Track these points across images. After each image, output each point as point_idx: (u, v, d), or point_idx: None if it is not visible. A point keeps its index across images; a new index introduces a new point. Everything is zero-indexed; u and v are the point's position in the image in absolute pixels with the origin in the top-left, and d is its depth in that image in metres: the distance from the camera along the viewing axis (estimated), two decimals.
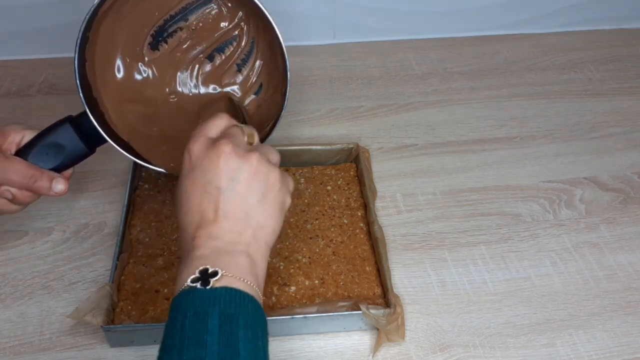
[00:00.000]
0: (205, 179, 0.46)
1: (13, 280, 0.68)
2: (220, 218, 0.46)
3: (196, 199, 0.46)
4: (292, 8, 0.99)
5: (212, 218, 0.46)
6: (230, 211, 0.46)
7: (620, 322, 0.66)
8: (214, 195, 0.46)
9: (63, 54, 1.01)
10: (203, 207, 0.46)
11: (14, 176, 0.57)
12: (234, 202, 0.46)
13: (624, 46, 1.07)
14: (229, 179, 0.46)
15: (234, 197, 0.46)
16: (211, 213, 0.46)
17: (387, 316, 0.62)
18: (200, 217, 0.46)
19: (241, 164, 0.46)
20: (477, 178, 0.82)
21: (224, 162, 0.46)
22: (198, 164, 0.47)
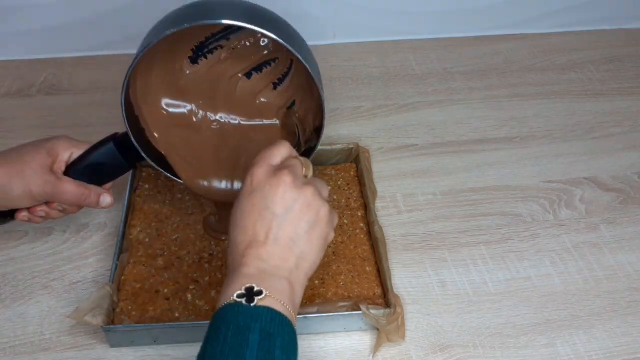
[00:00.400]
0: (263, 203, 0.49)
1: (13, 280, 0.68)
2: (270, 242, 0.49)
3: (252, 219, 0.49)
4: (292, 8, 0.99)
5: (262, 240, 0.48)
6: (280, 237, 0.49)
7: (620, 322, 0.66)
8: (268, 219, 0.49)
9: (63, 54, 1.01)
10: (257, 228, 0.49)
11: (67, 196, 0.62)
12: (284, 229, 0.49)
13: (624, 46, 1.07)
14: (284, 207, 0.49)
15: (286, 225, 0.49)
16: (262, 236, 0.49)
17: (387, 316, 0.62)
18: (252, 238, 0.49)
19: (298, 195, 0.49)
20: (477, 178, 0.82)
21: (283, 190, 0.49)
22: (258, 188, 0.50)
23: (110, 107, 0.90)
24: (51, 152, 0.61)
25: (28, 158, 0.60)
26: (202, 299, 0.65)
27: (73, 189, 0.62)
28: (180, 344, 0.62)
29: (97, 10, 0.97)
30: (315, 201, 0.50)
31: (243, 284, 0.46)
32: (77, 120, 0.89)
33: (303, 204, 0.49)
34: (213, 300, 0.65)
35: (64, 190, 0.61)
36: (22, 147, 0.62)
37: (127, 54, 1.00)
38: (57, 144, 0.62)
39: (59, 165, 0.62)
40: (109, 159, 0.64)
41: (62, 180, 0.61)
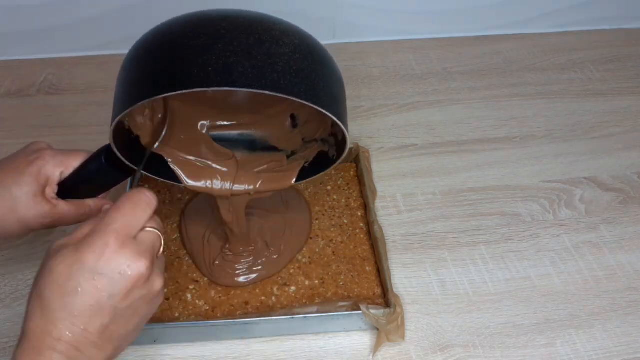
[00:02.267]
0: (108, 290, 0.44)
1: (13, 280, 0.68)
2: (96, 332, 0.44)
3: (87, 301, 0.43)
4: (292, 8, 0.99)
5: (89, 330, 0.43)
6: (109, 330, 0.44)
7: (620, 322, 0.66)
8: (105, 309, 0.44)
9: (63, 54, 1.01)
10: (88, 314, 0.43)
11: (66, 220, 0.59)
12: (116, 323, 0.44)
13: (624, 46, 1.07)
14: (128, 302, 0.44)
15: (120, 320, 0.45)
16: (91, 324, 0.43)
17: (387, 316, 0.62)
18: (79, 322, 0.43)
19: (146, 291, 0.45)
20: (477, 178, 0.82)
21: (134, 286, 0.44)
22: (108, 270, 0.43)
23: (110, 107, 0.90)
24: (39, 177, 0.57)
25: (16, 191, 0.55)
26: (202, 299, 0.65)
27: (71, 213, 0.59)
28: (180, 344, 0.62)
29: (97, 10, 0.97)
30: (160, 295, 0.47)
31: None
32: (77, 120, 0.89)
33: (147, 301, 0.45)
34: (213, 300, 0.65)
35: (62, 215, 0.58)
36: (3, 174, 0.56)
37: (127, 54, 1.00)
38: (44, 166, 0.57)
39: (51, 188, 0.58)
40: (103, 174, 0.60)
41: (58, 207, 0.58)
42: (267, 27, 0.51)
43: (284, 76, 0.49)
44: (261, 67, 0.48)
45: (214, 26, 0.50)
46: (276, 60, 0.49)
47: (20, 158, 0.58)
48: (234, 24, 0.51)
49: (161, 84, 0.49)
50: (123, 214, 0.45)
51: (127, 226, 0.45)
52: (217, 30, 0.50)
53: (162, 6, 0.97)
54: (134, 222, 0.46)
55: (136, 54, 0.54)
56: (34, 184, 0.56)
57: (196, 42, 0.49)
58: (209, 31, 0.50)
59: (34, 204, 0.56)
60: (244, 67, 0.48)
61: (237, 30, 0.50)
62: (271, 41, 0.50)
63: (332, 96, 0.54)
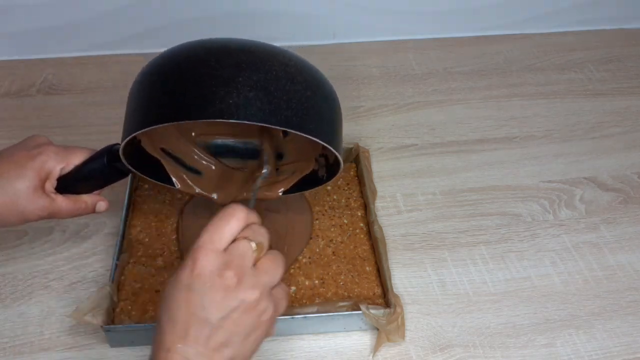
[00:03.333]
0: (200, 303, 0.45)
1: (13, 280, 0.68)
2: (200, 344, 0.45)
3: (184, 315, 0.45)
4: (292, 8, 0.99)
5: (192, 341, 0.45)
6: (212, 342, 0.45)
7: (620, 322, 0.66)
8: (201, 321, 0.45)
9: (63, 54, 1.01)
10: (188, 326, 0.45)
11: (62, 214, 0.61)
12: (218, 335, 0.45)
13: (624, 46, 1.07)
14: (220, 313, 0.45)
15: (220, 332, 0.45)
16: (193, 336, 0.45)
17: (387, 316, 0.62)
18: (182, 334, 0.45)
19: (239, 302, 0.45)
20: (477, 178, 0.82)
21: (223, 296, 0.45)
22: (198, 284, 0.45)
23: (110, 107, 0.90)
24: (41, 171, 0.59)
25: (18, 184, 0.57)
26: None
27: (68, 207, 0.61)
28: None
29: (97, 10, 0.97)
30: (258, 305, 0.46)
31: None
32: (77, 120, 0.89)
33: (243, 311, 0.45)
34: None
35: (59, 209, 0.60)
36: (5, 167, 0.58)
37: (127, 54, 1.01)
38: (47, 162, 0.59)
39: (50, 182, 0.60)
40: (103, 173, 0.62)
41: (56, 201, 0.60)
42: (283, 63, 0.55)
43: (297, 113, 0.53)
44: (277, 103, 0.53)
45: (235, 57, 0.54)
46: (290, 97, 0.53)
47: (21, 151, 0.60)
48: (253, 57, 0.54)
49: (183, 111, 0.52)
50: (207, 230, 0.47)
51: (213, 241, 0.46)
52: (238, 64, 0.53)
53: (162, 6, 0.97)
54: (221, 236, 0.47)
55: (159, 70, 0.56)
56: (36, 179, 0.58)
57: (220, 73, 0.52)
58: (231, 62, 0.53)
59: (34, 198, 0.58)
60: (262, 103, 0.52)
61: (256, 64, 0.54)
62: (286, 78, 0.54)
63: (334, 130, 0.59)
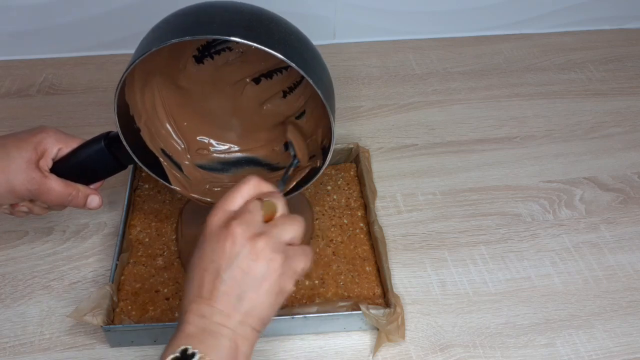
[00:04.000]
0: (210, 257, 0.47)
1: (13, 280, 0.68)
2: (214, 298, 0.46)
3: (199, 273, 0.47)
4: (292, 8, 0.99)
5: (206, 296, 0.46)
6: (224, 293, 0.46)
7: (620, 322, 0.66)
8: (213, 274, 0.46)
9: (63, 54, 1.01)
10: (203, 283, 0.46)
11: (52, 195, 0.60)
12: (228, 286, 0.46)
13: (624, 46, 1.07)
14: (229, 262, 0.46)
15: (230, 281, 0.46)
16: (206, 291, 0.46)
17: (387, 316, 0.62)
18: (197, 292, 0.46)
19: (244, 248, 0.46)
20: (477, 178, 0.82)
21: (230, 245, 0.46)
22: (208, 240, 0.47)
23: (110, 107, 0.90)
24: (39, 147, 0.58)
25: (14, 153, 0.57)
26: None
27: (59, 189, 0.60)
28: None
29: (97, 10, 0.97)
30: (264, 253, 0.46)
31: (181, 345, 0.44)
32: (77, 120, 0.89)
33: (250, 259, 0.46)
34: None
35: (49, 188, 0.59)
36: (6, 138, 0.58)
37: (127, 53, 1.00)
38: (46, 139, 0.59)
39: (45, 161, 0.59)
40: (100, 158, 0.61)
41: (48, 178, 0.59)
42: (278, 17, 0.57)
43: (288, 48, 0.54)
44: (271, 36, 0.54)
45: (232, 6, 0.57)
46: (284, 37, 0.55)
47: (24, 132, 0.60)
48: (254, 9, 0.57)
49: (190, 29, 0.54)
50: (221, 198, 0.49)
51: (224, 202, 0.49)
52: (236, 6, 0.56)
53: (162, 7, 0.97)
54: (231, 198, 0.49)
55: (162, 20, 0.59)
56: (32, 151, 0.58)
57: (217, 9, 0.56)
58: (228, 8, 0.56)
59: (25, 168, 0.57)
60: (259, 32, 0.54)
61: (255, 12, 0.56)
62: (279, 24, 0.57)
63: (324, 83, 0.58)
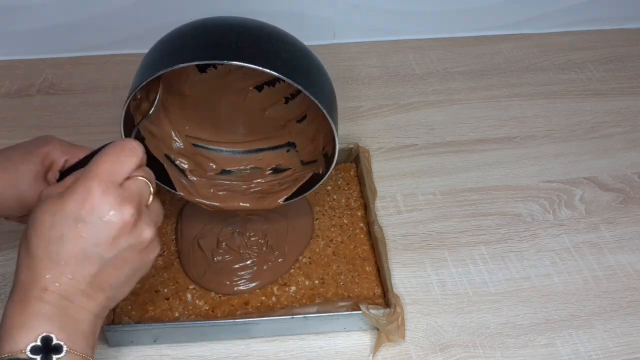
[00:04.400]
0: (93, 238, 0.42)
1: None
2: (85, 281, 0.43)
3: (72, 250, 0.42)
4: (292, 8, 0.99)
5: (76, 278, 0.42)
6: (98, 279, 0.43)
7: (620, 322, 0.66)
8: (91, 258, 0.42)
9: (63, 54, 1.01)
10: (75, 263, 0.42)
11: None
12: (105, 273, 0.43)
13: (624, 46, 1.07)
14: (114, 251, 0.43)
15: (108, 269, 0.43)
16: (79, 273, 0.42)
17: (387, 316, 0.62)
18: (65, 270, 0.42)
19: (134, 239, 0.44)
20: (477, 178, 0.82)
21: (119, 233, 0.43)
22: (93, 217, 0.43)
23: (110, 107, 0.90)
24: (46, 160, 0.58)
25: (22, 167, 0.56)
26: (202, 299, 0.65)
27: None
28: (180, 344, 0.62)
29: (97, 10, 0.97)
30: (150, 245, 0.45)
31: (39, 330, 0.39)
32: (77, 120, 0.89)
33: (137, 250, 0.44)
34: (213, 300, 0.65)
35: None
36: (13, 151, 0.58)
37: (127, 53, 1.01)
38: (52, 151, 0.58)
39: (53, 173, 0.59)
40: None
41: None
42: (276, 31, 0.58)
43: (286, 64, 0.55)
44: (267, 54, 0.55)
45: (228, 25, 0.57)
46: (280, 53, 0.56)
47: (30, 143, 0.59)
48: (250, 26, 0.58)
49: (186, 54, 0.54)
50: (106, 161, 0.44)
51: (110, 172, 0.44)
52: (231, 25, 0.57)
53: (163, 7, 0.97)
54: (118, 168, 0.44)
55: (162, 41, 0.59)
56: (39, 165, 0.57)
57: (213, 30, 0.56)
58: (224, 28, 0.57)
59: (34, 183, 0.57)
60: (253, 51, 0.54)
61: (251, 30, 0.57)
62: (277, 39, 0.57)
63: (325, 94, 0.59)
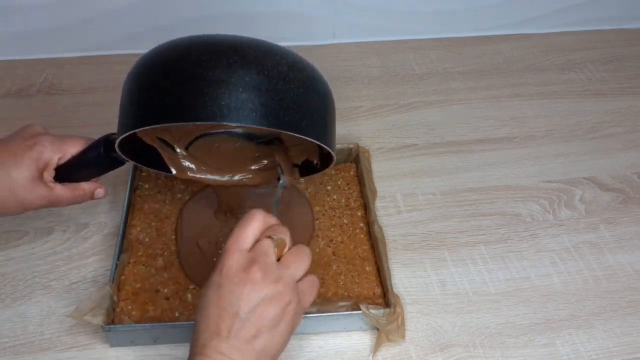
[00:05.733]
0: (228, 299, 0.49)
1: (13, 281, 0.68)
2: (232, 338, 0.48)
3: (216, 312, 0.48)
4: (292, 8, 0.99)
5: (224, 335, 0.48)
6: (242, 335, 0.48)
7: (620, 322, 0.66)
8: (231, 316, 0.48)
9: (63, 54, 1.01)
10: (219, 322, 0.48)
11: (62, 203, 0.62)
12: (247, 328, 0.48)
13: (624, 46, 1.07)
14: (249, 306, 0.48)
15: (249, 324, 0.48)
16: (225, 331, 0.48)
17: (387, 316, 0.62)
18: (214, 330, 0.48)
19: (264, 294, 0.49)
20: (477, 178, 0.82)
21: (250, 290, 0.48)
22: (227, 282, 0.49)
23: (110, 107, 0.89)
24: (39, 162, 0.59)
25: (17, 175, 0.58)
26: None
27: (67, 195, 0.62)
28: (180, 344, 0.62)
29: (97, 10, 0.97)
30: (283, 296, 0.49)
31: None
32: (77, 120, 0.89)
33: (269, 304, 0.49)
34: None
35: (58, 198, 0.61)
36: (4, 158, 0.58)
37: (127, 54, 1.00)
38: (44, 152, 0.59)
39: (48, 172, 0.60)
40: (100, 162, 0.62)
41: (55, 190, 0.61)
42: (275, 62, 0.55)
43: (289, 113, 0.54)
44: (270, 105, 0.53)
45: (226, 57, 0.54)
46: (283, 97, 0.54)
47: (17, 141, 0.60)
48: (245, 56, 0.54)
49: (176, 112, 0.53)
50: (232, 235, 0.51)
51: (236, 241, 0.51)
52: (230, 64, 0.53)
53: (163, 6, 0.97)
54: (243, 236, 0.51)
55: (152, 67, 0.56)
56: (33, 169, 0.59)
57: (212, 74, 0.53)
58: (223, 62, 0.53)
59: (32, 187, 0.58)
60: (254, 105, 0.53)
61: (248, 64, 0.54)
62: (278, 77, 0.54)
63: (326, 126, 0.60)
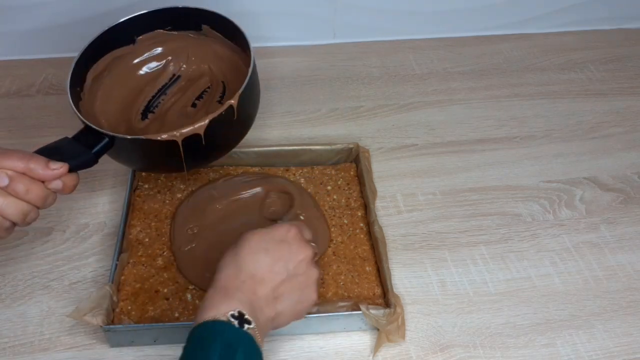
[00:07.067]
0: (286, 256, 0.55)
1: (13, 281, 0.68)
2: (270, 286, 0.53)
3: (269, 262, 0.54)
4: (292, 8, 0.99)
5: (265, 282, 0.53)
6: (279, 289, 0.54)
7: (620, 322, 0.66)
8: (280, 271, 0.54)
9: (63, 54, 1.01)
10: (267, 272, 0.54)
11: (8, 161, 0.55)
12: (285, 286, 0.54)
13: (624, 46, 1.07)
14: (295, 272, 0.55)
15: (289, 285, 0.54)
16: (268, 280, 0.53)
17: (387, 316, 0.62)
18: (260, 274, 0.53)
19: (307, 267, 0.56)
20: (477, 178, 0.82)
21: (306, 260, 0.56)
22: (288, 244, 0.56)
23: None
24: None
25: None
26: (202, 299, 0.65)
27: (16, 153, 0.56)
28: (180, 344, 0.62)
29: (98, 10, 0.97)
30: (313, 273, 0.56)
31: (236, 307, 0.50)
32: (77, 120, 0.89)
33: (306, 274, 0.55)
34: None
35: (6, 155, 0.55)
36: None
37: None
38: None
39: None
40: (67, 147, 0.61)
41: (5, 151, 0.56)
42: None
43: None
44: None
45: None
46: None
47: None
48: None
49: None
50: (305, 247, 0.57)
51: (300, 230, 0.58)
52: None
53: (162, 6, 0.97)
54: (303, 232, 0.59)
55: None
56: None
57: None
58: None
59: None
60: None
61: None
62: None
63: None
